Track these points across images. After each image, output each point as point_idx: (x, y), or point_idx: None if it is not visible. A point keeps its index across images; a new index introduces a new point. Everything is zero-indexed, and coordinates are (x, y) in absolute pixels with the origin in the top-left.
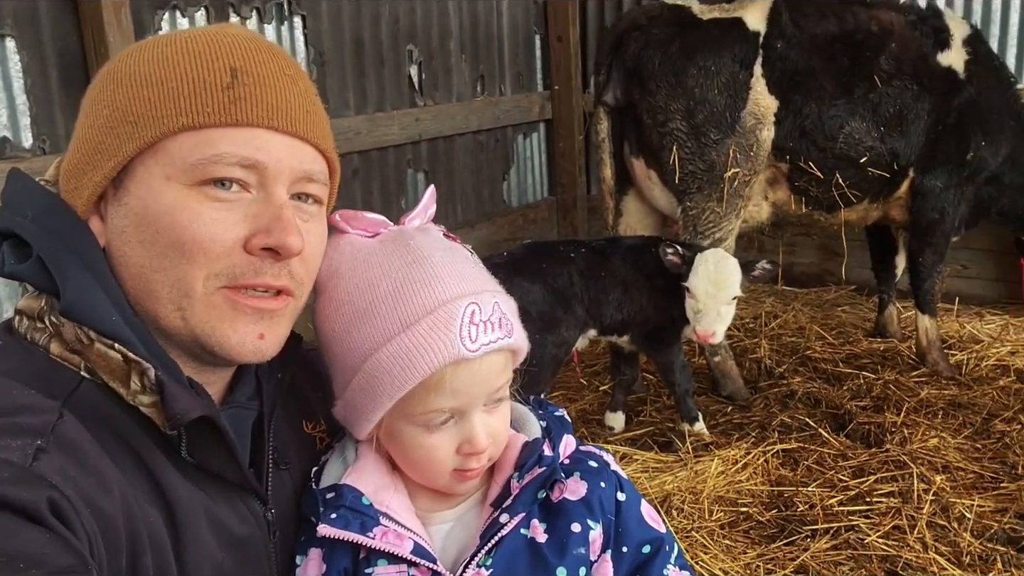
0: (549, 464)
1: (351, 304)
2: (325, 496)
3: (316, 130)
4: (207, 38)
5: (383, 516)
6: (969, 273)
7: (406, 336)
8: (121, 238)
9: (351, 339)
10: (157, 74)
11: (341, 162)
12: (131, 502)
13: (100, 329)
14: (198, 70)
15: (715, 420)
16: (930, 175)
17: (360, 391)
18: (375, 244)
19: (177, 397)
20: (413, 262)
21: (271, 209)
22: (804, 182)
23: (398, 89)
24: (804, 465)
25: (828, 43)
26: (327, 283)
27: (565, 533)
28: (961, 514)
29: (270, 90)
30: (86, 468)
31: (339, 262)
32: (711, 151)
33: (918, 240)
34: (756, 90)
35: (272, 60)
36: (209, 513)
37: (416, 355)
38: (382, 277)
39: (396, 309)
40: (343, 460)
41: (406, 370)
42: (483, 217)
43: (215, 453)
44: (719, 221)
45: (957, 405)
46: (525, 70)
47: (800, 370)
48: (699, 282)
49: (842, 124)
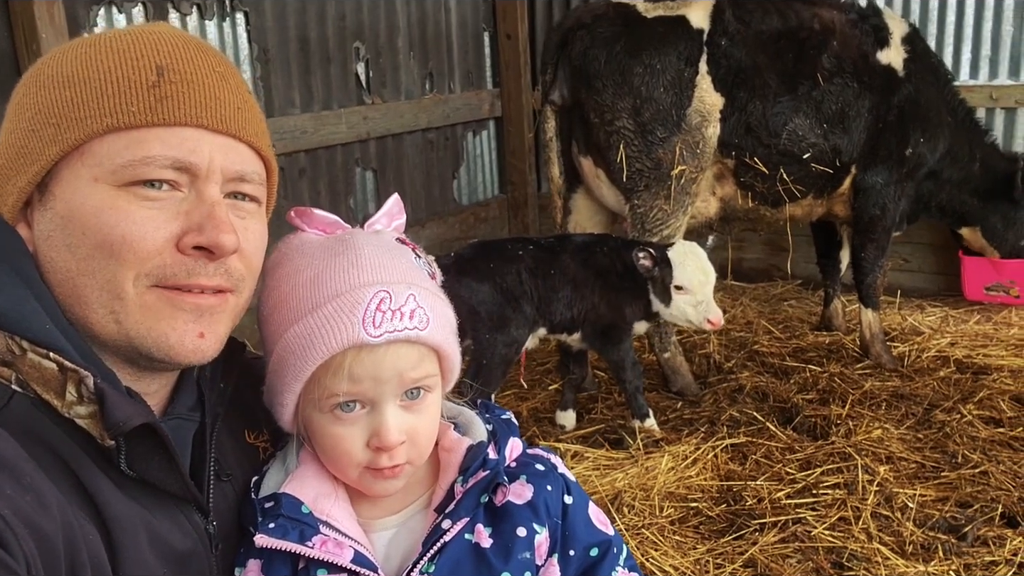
0: (493, 467)
1: (276, 291)
2: (264, 505)
3: (249, 128)
4: (132, 36)
5: (323, 524)
6: (911, 267)
7: (311, 318)
8: (48, 243)
9: (270, 323)
10: (81, 74)
11: (287, 161)
12: (70, 520)
13: (34, 338)
14: (122, 69)
15: (665, 416)
16: (871, 171)
17: (273, 373)
18: (317, 239)
19: (118, 405)
20: (339, 253)
21: (203, 207)
22: (750, 177)
23: (345, 87)
24: (752, 459)
25: (772, 40)
26: (266, 274)
27: (510, 537)
28: (904, 504)
29: (199, 88)
30: (22, 485)
31: (281, 255)
32: (658, 149)
33: (860, 235)
34: (701, 88)
35: (201, 57)
36: (149, 528)
37: (317, 336)
38: (307, 266)
39: (309, 293)
40: (284, 468)
41: (307, 350)
42: (434, 216)
43: (155, 464)
44: (667, 218)
45: (899, 396)
46: (474, 67)
47: (748, 365)
48: (692, 275)
49: (786, 121)
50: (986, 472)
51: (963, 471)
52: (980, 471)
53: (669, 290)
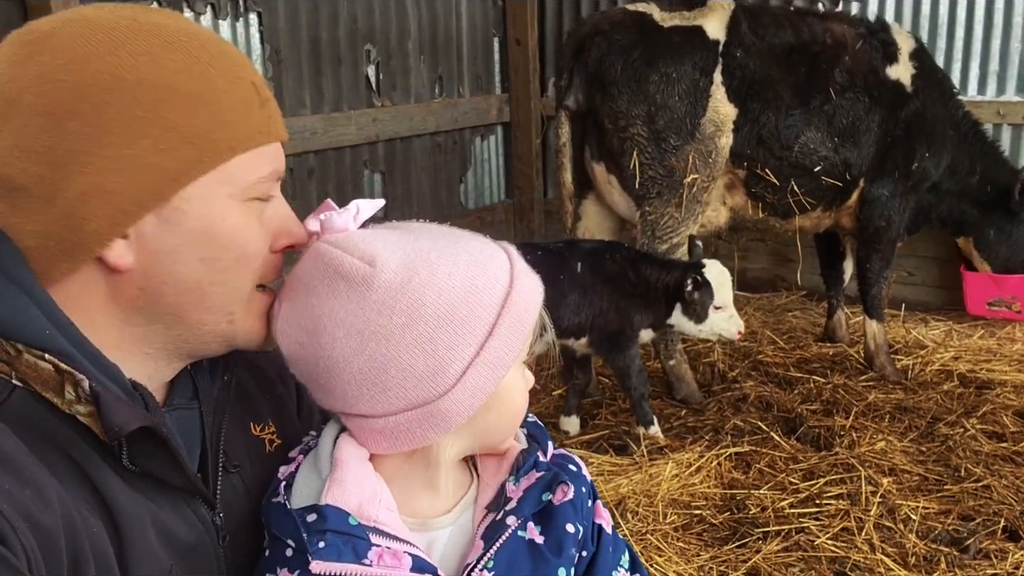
0: (545, 468)
1: (458, 264)
2: (305, 519)
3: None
4: (213, 44)
5: (373, 533)
6: (915, 280)
7: (517, 263)
8: (173, 257)
9: (480, 292)
10: (200, 93)
11: (297, 162)
12: (72, 514)
13: (31, 343)
14: (235, 89)
15: (669, 423)
16: (878, 184)
17: (510, 331)
18: (396, 230)
19: (114, 409)
20: (446, 227)
21: (281, 209)
22: (760, 188)
23: (355, 89)
24: (756, 468)
25: (785, 53)
26: (417, 265)
27: (561, 533)
28: (907, 516)
29: (273, 101)
30: (23, 481)
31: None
32: (671, 157)
33: (866, 247)
34: (716, 98)
35: (252, 66)
36: (155, 520)
37: (533, 276)
38: (456, 239)
39: (495, 253)
40: (317, 473)
41: (537, 287)
42: (440, 218)
43: (158, 459)
44: (677, 226)
45: (903, 409)
46: (483, 72)
47: (752, 374)
48: (726, 294)
49: (798, 134)
50: (988, 486)
51: (966, 484)
52: (983, 485)
53: (707, 310)
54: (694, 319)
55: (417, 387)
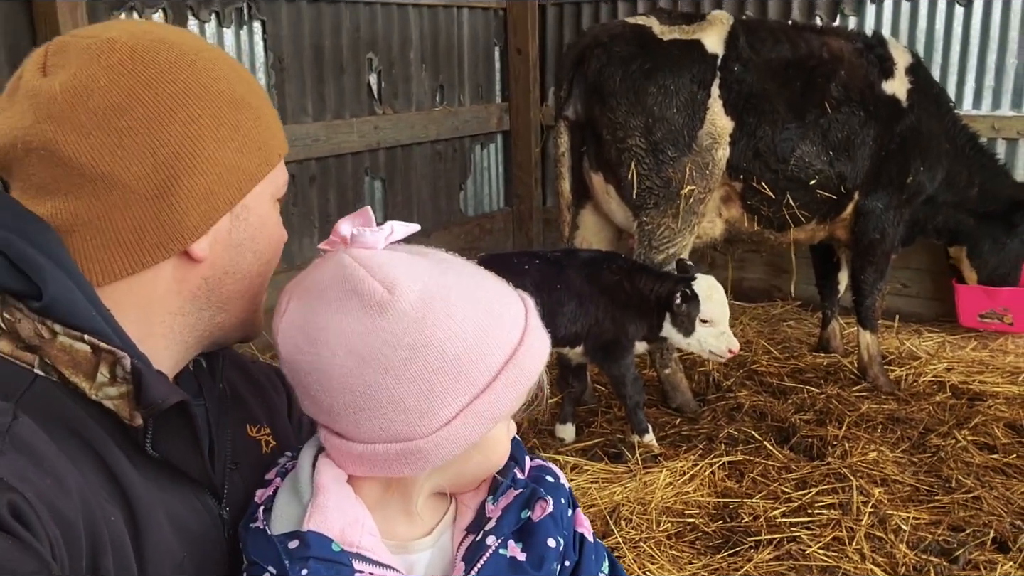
0: (523, 484)
1: (476, 310)
2: (287, 546)
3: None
4: (237, 62)
5: (356, 559)
6: (909, 292)
7: (532, 320)
8: (238, 250)
9: (489, 342)
10: (255, 101)
11: (299, 168)
12: (91, 502)
13: (73, 323)
14: (267, 100)
15: (664, 432)
16: (872, 197)
17: (507, 387)
18: (425, 258)
19: (154, 384)
20: (474, 267)
21: (278, 212)
22: (756, 201)
23: (357, 97)
24: (749, 477)
25: (782, 68)
26: (435, 302)
27: (543, 549)
28: (898, 526)
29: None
30: (44, 469)
31: (425, 278)
32: (668, 168)
33: (860, 259)
34: (713, 110)
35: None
36: (169, 511)
37: (544, 334)
38: (480, 282)
39: (512, 303)
40: (297, 498)
41: (545, 345)
42: (440, 226)
43: (180, 445)
44: (673, 237)
45: (895, 420)
46: (484, 81)
47: (747, 383)
48: (717, 308)
49: (794, 147)
50: (979, 497)
51: (956, 495)
52: (973, 496)
53: (695, 323)
54: (682, 332)
55: (404, 422)
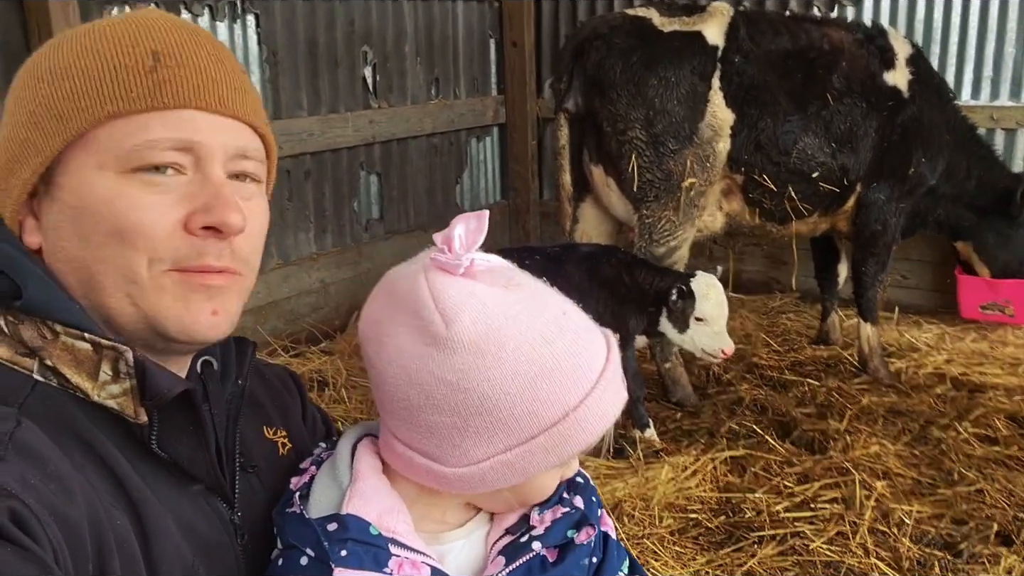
0: (570, 506)
1: (530, 368)
2: (326, 528)
3: (247, 107)
4: (125, 24)
5: (392, 543)
6: (909, 283)
7: (599, 390)
8: (58, 234)
9: (535, 403)
10: (77, 64)
11: (293, 163)
12: (96, 507)
13: (67, 321)
14: (118, 56)
15: (665, 426)
16: (874, 189)
17: (544, 449)
18: (508, 295)
19: (159, 375)
20: (562, 314)
21: (209, 188)
22: (758, 194)
23: (352, 91)
24: (751, 472)
25: (783, 59)
26: (488, 350)
27: (572, 546)
28: (901, 520)
29: (195, 70)
30: (47, 475)
31: (489, 321)
32: (669, 160)
33: (861, 250)
34: (714, 103)
35: (194, 40)
36: (177, 515)
37: (609, 405)
38: (551, 337)
39: (580, 368)
40: (336, 484)
41: (603, 419)
42: (436, 220)
43: (186, 442)
44: (674, 230)
45: (896, 412)
46: (480, 74)
47: (747, 377)
48: (713, 308)
49: (796, 139)
50: (981, 490)
51: (959, 488)
52: (975, 489)
53: (688, 320)
54: (677, 327)
55: (436, 447)
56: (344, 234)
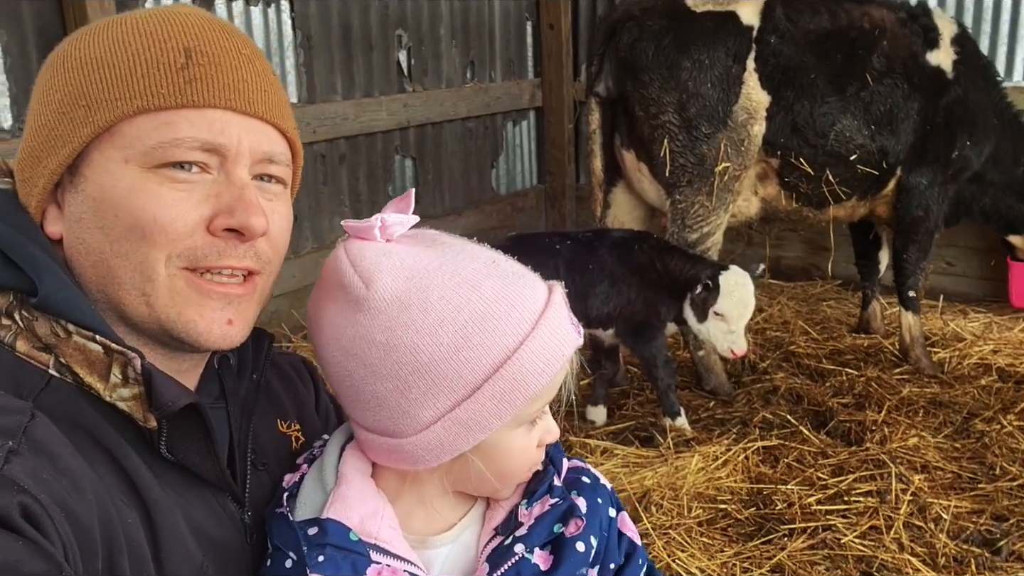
0: (560, 495)
1: (458, 315)
2: (307, 531)
3: (276, 110)
4: (158, 18)
5: (373, 550)
6: (955, 270)
7: (540, 331)
8: (80, 225)
9: (471, 350)
10: (108, 56)
11: (328, 147)
12: (107, 504)
13: (80, 320)
14: (151, 51)
15: (697, 415)
16: (916, 173)
17: (493, 399)
18: (428, 251)
19: (166, 385)
20: (491, 262)
21: (233, 190)
22: (794, 178)
23: (386, 75)
24: (784, 463)
25: (821, 39)
26: (411, 301)
27: (570, 553)
28: (938, 515)
29: (226, 70)
30: (59, 470)
31: (409, 275)
32: (702, 145)
33: (903, 237)
34: (749, 85)
35: (227, 39)
36: (187, 515)
37: (555, 347)
38: (478, 282)
39: (514, 309)
40: (321, 485)
41: (550, 361)
42: (471, 204)
43: (195, 448)
44: (708, 215)
45: (938, 404)
46: (516, 57)
47: (783, 365)
48: (734, 306)
49: (833, 121)
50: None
51: (1000, 483)
52: (1018, 484)
53: (708, 311)
54: (696, 316)
55: (388, 419)
56: None
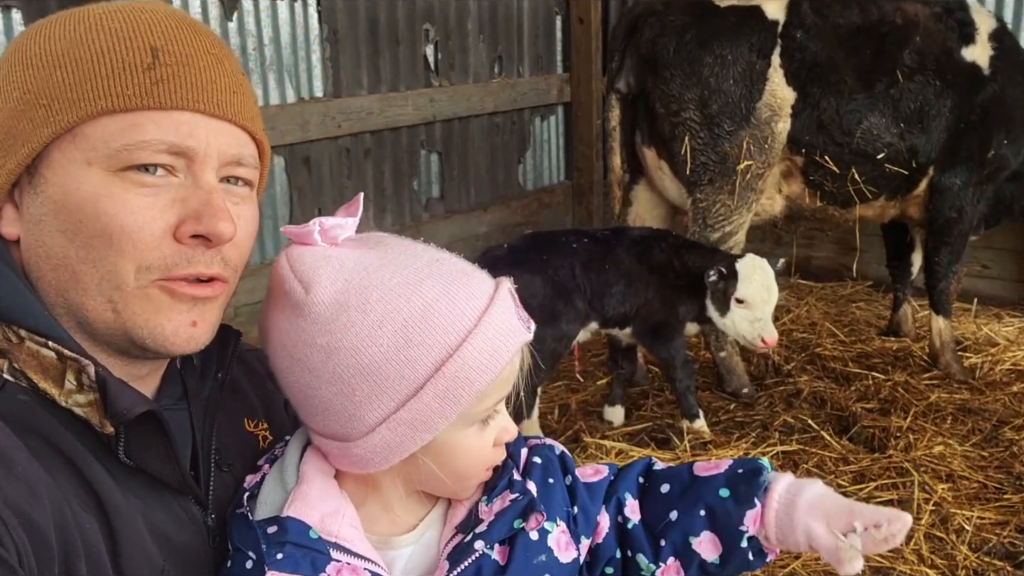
0: (520, 490)
1: (398, 314)
2: (266, 530)
3: (245, 112)
4: (124, 14)
5: (333, 548)
6: (990, 273)
7: (483, 328)
8: (40, 228)
9: (412, 349)
10: (72, 53)
11: (353, 142)
12: (63, 509)
13: (33, 327)
14: (116, 49)
15: (717, 417)
16: (949, 173)
17: (437, 398)
18: (370, 252)
19: (120, 393)
20: (434, 261)
21: (200, 194)
22: (819, 176)
23: (413, 69)
24: (804, 468)
25: (850, 35)
26: (350, 303)
27: (524, 544)
28: (960, 526)
29: (194, 70)
30: (14, 476)
31: (348, 278)
32: (724, 142)
33: (935, 239)
34: (773, 81)
35: (196, 39)
36: (148, 519)
37: (499, 343)
38: (419, 281)
39: (455, 307)
40: (282, 486)
41: (494, 358)
42: (497, 200)
43: (154, 452)
44: (729, 214)
45: (967, 410)
46: (544, 52)
47: (808, 368)
48: (756, 291)
49: (861, 119)
50: None
51: None
52: None
53: (729, 301)
54: (718, 309)
55: (336, 423)
56: (403, 213)
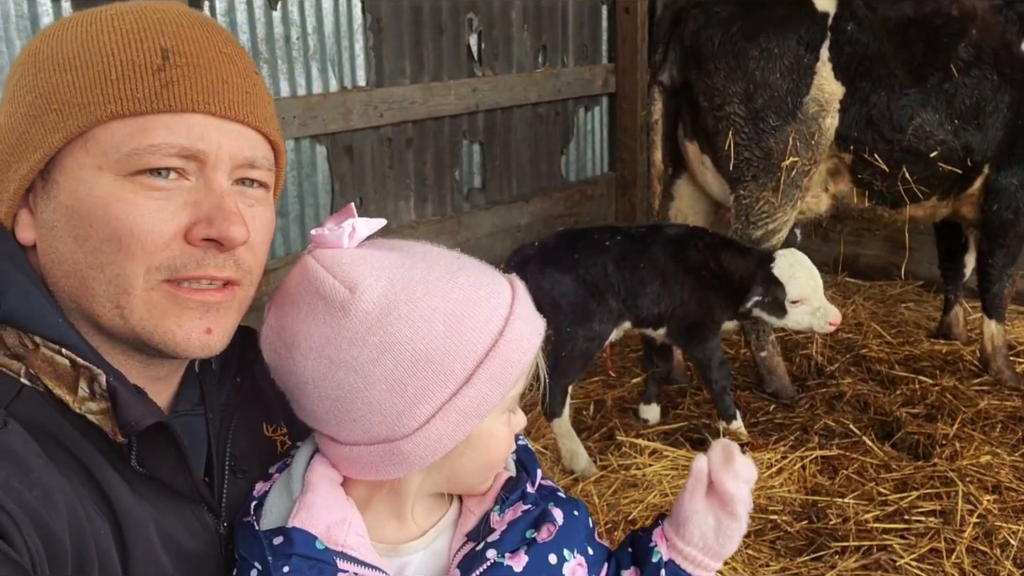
0: (534, 501)
1: (445, 304)
2: (272, 541)
3: (258, 113)
4: (135, 14)
5: (340, 558)
6: None
7: (517, 312)
8: (53, 233)
9: (465, 335)
10: (82, 56)
11: (395, 131)
12: (78, 514)
13: (46, 334)
14: (126, 51)
15: (755, 419)
16: (1006, 172)
17: (488, 381)
18: (393, 253)
19: (130, 404)
20: (454, 257)
21: (212, 197)
22: (868, 175)
23: (456, 58)
24: (843, 474)
25: (903, 27)
26: (399, 298)
27: (541, 565)
28: (1005, 540)
29: (206, 71)
30: (31, 481)
31: (390, 275)
32: (769, 138)
33: (989, 240)
34: (821, 75)
35: (207, 38)
36: (159, 526)
37: (532, 325)
38: (452, 274)
39: (492, 295)
40: (288, 494)
41: (531, 340)
42: (539, 191)
43: (166, 462)
44: (773, 212)
45: (1018, 419)
46: (589, 41)
47: (852, 370)
48: (804, 286)
49: (912, 115)
50: None
51: None
52: None
53: (784, 306)
54: (777, 317)
55: (382, 423)
56: (444, 203)
